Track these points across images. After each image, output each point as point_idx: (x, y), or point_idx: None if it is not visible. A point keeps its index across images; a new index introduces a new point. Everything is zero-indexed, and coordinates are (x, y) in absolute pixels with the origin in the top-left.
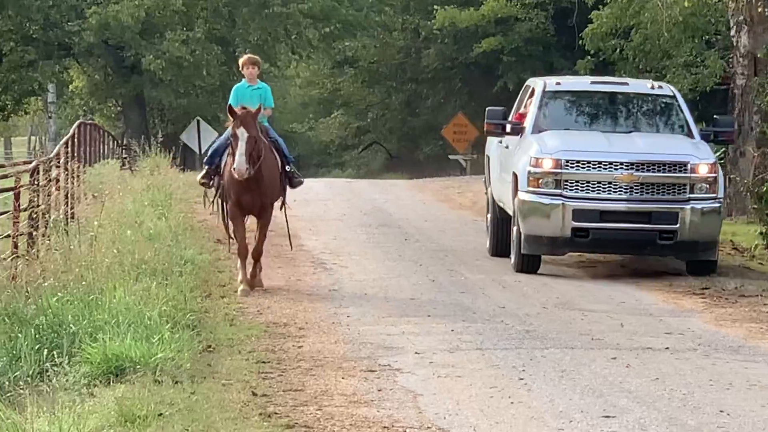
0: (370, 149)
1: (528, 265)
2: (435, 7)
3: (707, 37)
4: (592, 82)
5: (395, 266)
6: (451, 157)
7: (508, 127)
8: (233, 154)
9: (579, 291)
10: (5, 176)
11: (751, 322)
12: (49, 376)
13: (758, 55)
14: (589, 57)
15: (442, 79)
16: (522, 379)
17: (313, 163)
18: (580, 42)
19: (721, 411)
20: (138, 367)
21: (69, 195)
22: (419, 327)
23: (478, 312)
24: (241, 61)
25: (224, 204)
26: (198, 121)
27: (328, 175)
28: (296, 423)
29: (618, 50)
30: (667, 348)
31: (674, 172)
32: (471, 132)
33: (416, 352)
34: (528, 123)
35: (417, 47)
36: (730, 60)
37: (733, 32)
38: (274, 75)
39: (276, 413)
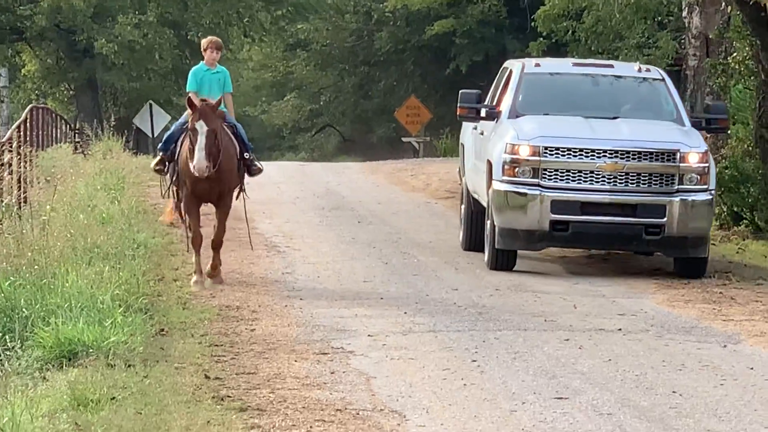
0: (323, 132)
1: (503, 261)
2: None
3: (659, 18)
4: (575, 64)
5: (348, 249)
6: (404, 139)
7: (483, 112)
8: (192, 149)
9: (532, 273)
10: None
11: (703, 303)
12: (1, 360)
13: (710, 36)
14: (541, 39)
15: (394, 62)
16: (475, 361)
17: (266, 147)
18: (533, 24)
19: (674, 392)
20: (91, 350)
21: (21, 179)
22: (372, 310)
23: (431, 294)
24: (204, 42)
25: (179, 192)
26: (151, 104)
27: (281, 159)
28: (249, 406)
29: (570, 32)
30: (620, 329)
31: (662, 162)
32: (424, 114)
33: (369, 335)
34: (504, 107)
35: (369, 30)
36: (683, 41)
37: (685, 13)
38: (227, 58)
39: (229, 396)
